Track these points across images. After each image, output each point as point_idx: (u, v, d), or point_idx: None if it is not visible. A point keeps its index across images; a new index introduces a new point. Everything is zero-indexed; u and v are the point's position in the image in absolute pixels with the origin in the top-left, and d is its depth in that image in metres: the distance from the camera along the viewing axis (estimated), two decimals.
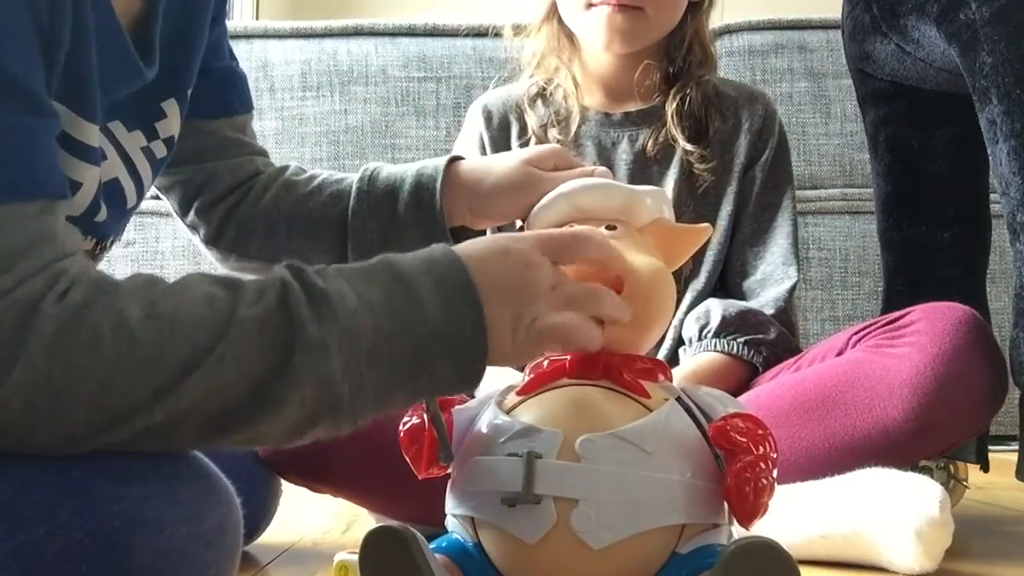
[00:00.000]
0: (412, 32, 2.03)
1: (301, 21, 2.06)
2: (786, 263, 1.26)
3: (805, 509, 0.95)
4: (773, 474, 0.61)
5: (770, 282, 1.25)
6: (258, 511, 1.01)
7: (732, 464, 0.60)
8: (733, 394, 0.70)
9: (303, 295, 0.59)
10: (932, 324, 1.02)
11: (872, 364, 1.02)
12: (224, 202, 0.96)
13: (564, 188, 0.74)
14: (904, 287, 1.30)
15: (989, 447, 1.19)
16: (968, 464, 1.19)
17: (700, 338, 1.19)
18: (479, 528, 0.63)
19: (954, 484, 1.16)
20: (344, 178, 0.96)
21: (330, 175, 0.98)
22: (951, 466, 1.17)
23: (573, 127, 1.29)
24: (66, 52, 0.63)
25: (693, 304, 1.24)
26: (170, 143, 0.83)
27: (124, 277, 0.59)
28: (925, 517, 0.89)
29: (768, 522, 0.62)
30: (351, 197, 0.93)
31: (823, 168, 1.98)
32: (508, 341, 0.62)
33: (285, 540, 1.07)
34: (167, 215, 1.34)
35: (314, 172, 0.99)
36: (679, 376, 1.11)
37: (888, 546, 0.91)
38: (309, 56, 2.00)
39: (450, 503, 0.66)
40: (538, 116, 1.31)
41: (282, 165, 1.00)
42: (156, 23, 0.75)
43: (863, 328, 1.10)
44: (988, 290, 1.31)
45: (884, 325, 1.07)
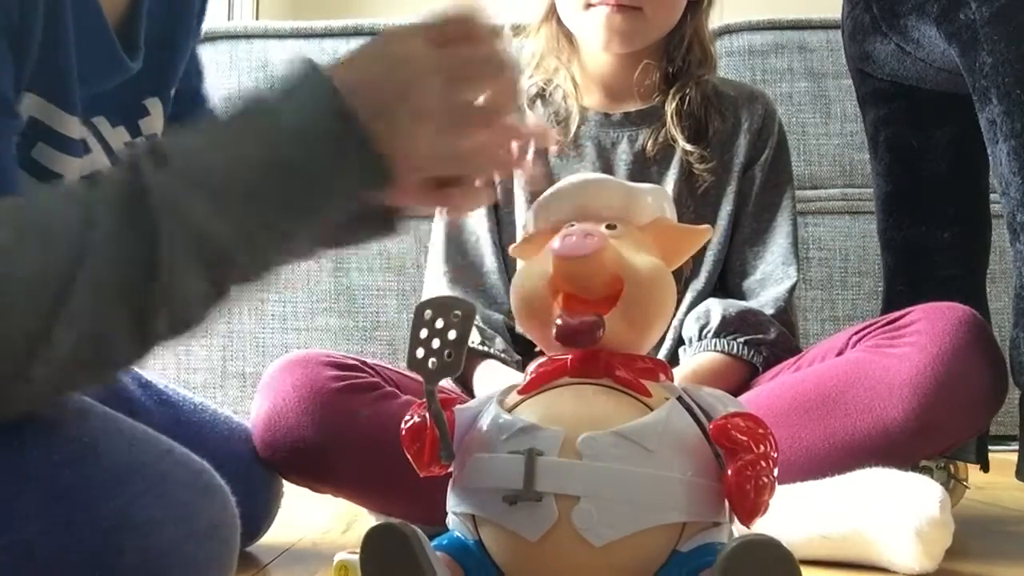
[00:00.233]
0: None
1: (301, 21, 2.06)
2: (786, 263, 1.26)
3: (805, 509, 0.95)
4: (774, 473, 0.61)
5: (770, 282, 1.25)
6: (259, 511, 1.01)
7: (733, 463, 0.60)
8: (733, 394, 0.70)
9: (149, 157, 0.57)
10: (932, 324, 1.02)
11: (872, 364, 1.02)
12: None
13: (563, 186, 0.73)
14: (904, 287, 1.30)
15: (989, 447, 1.20)
16: (968, 464, 1.19)
17: (700, 338, 1.19)
18: (480, 526, 0.63)
19: (954, 484, 1.16)
20: None
21: None
22: (951, 466, 1.17)
23: (572, 127, 1.29)
24: (40, 44, 0.62)
25: (693, 304, 1.24)
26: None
27: None
28: (925, 517, 0.89)
29: (768, 521, 0.62)
30: None
31: (823, 168, 1.98)
32: (399, 126, 0.60)
33: (285, 540, 1.07)
34: None
35: None
36: (679, 376, 1.11)
37: (888, 546, 0.91)
38: (309, 56, 2.00)
39: (451, 501, 0.66)
40: (537, 116, 1.31)
41: None
42: (141, 18, 0.75)
43: (863, 328, 1.10)
44: (988, 290, 1.31)
45: (884, 325, 1.07)
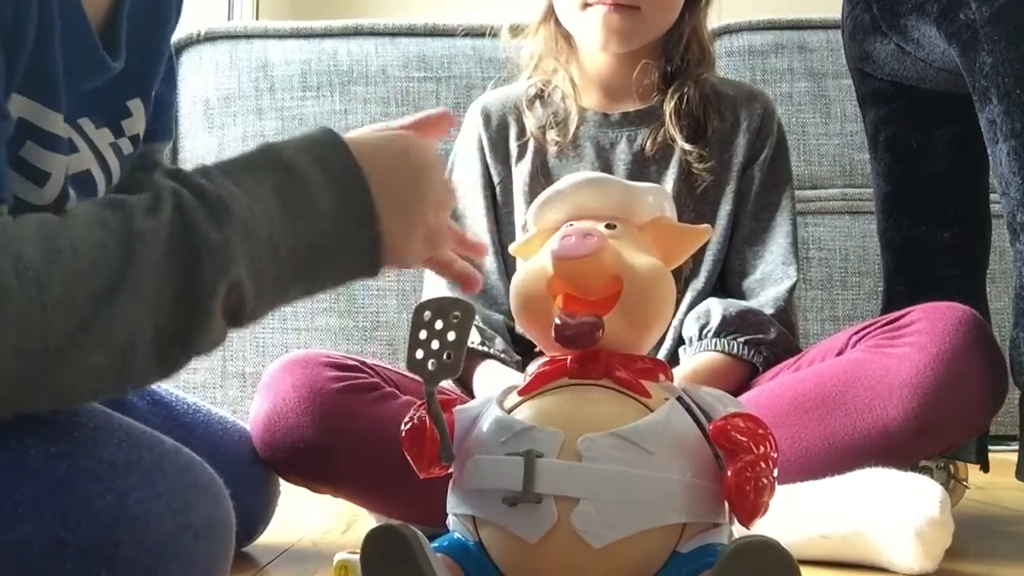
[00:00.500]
0: (412, 32, 2.03)
1: (301, 21, 2.06)
2: (785, 262, 1.26)
3: (805, 509, 0.95)
4: (773, 473, 0.61)
5: (770, 281, 1.25)
6: (256, 511, 1.01)
7: (732, 463, 0.60)
8: (733, 394, 0.70)
9: (196, 201, 0.60)
10: (932, 324, 1.02)
11: (872, 364, 1.02)
12: None
13: (563, 185, 0.73)
14: (904, 287, 1.30)
15: (989, 447, 1.20)
16: (968, 464, 1.19)
17: (700, 338, 1.19)
18: (480, 527, 0.63)
19: (954, 484, 1.16)
20: None
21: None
22: (951, 466, 1.17)
23: (571, 128, 1.29)
24: (31, 47, 0.63)
25: (693, 304, 1.24)
26: (135, 141, 0.84)
27: (14, 220, 0.57)
28: (925, 517, 0.89)
29: (768, 522, 0.62)
30: None
31: (823, 168, 1.98)
32: (401, 229, 0.68)
33: (285, 540, 1.07)
34: None
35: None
36: (679, 376, 1.11)
37: (888, 546, 0.91)
38: (309, 56, 2.00)
39: (451, 502, 0.66)
40: (536, 117, 1.31)
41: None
42: (122, 19, 0.75)
43: (863, 328, 1.10)
44: (988, 290, 1.31)
45: (884, 325, 1.07)
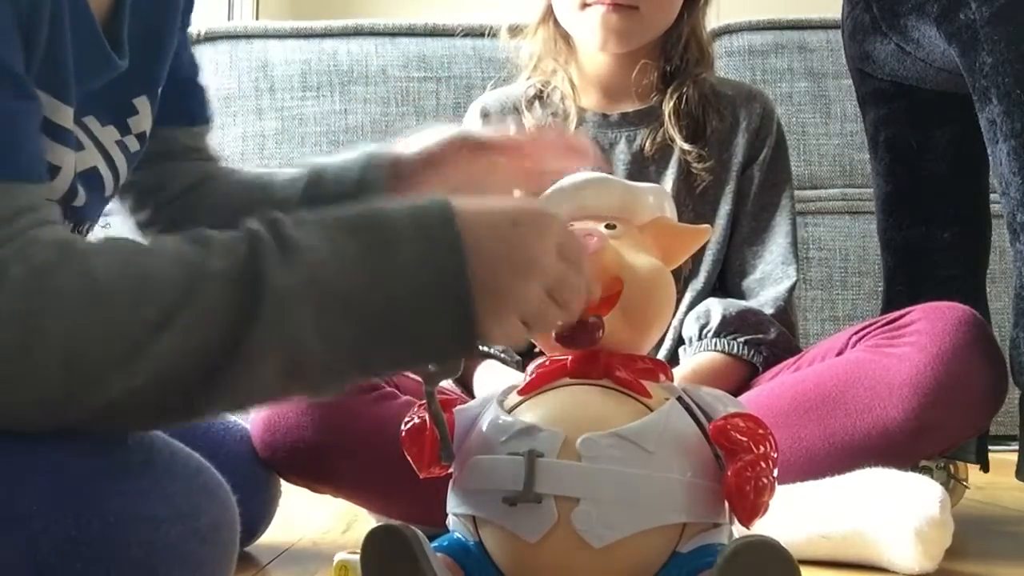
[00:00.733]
0: (412, 32, 2.03)
1: (301, 21, 2.06)
2: (785, 262, 1.26)
3: (805, 509, 0.94)
4: (774, 473, 0.61)
5: (769, 281, 1.25)
6: (257, 512, 1.01)
7: (732, 463, 0.60)
8: (733, 394, 0.70)
9: (274, 245, 0.57)
10: (932, 324, 1.02)
11: (872, 364, 1.02)
12: (177, 201, 0.96)
13: (564, 184, 0.73)
14: (904, 287, 1.30)
15: (989, 447, 1.19)
16: (968, 464, 1.19)
17: (700, 338, 1.19)
18: (480, 527, 0.63)
19: (954, 484, 1.16)
20: (291, 179, 0.96)
21: (275, 175, 0.97)
22: (951, 466, 1.17)
23: (571, 128, 1.29)
24: (45, 39, 0.63)
25: (693, 304, 1.24)
26: (142, 138, 0.84)
27: (99, 239, 0.59)
28: (925, 517, 0.89)
29: (768, 522, 0.62)
30: (298, 202, 0.93)
31: (823, 168, 1.98)
32: (495, 310, 0.59)
33: (285, 540, 1.07)
34: None
35: (261, 172, 0.99)
36: (679, 376, 1.11)
37: (888, 546, 0.91)
38: (309, 56, 2.00)
39: (451, 502, 0.66)
40: (536, 118, 1.31)
41: (231, 167, 1.01)
42: (124, 17, 0.75)
43: (863, 328, 1.10)
44: (988, 290, 1.31)
45: (884, 325, 1.07)
